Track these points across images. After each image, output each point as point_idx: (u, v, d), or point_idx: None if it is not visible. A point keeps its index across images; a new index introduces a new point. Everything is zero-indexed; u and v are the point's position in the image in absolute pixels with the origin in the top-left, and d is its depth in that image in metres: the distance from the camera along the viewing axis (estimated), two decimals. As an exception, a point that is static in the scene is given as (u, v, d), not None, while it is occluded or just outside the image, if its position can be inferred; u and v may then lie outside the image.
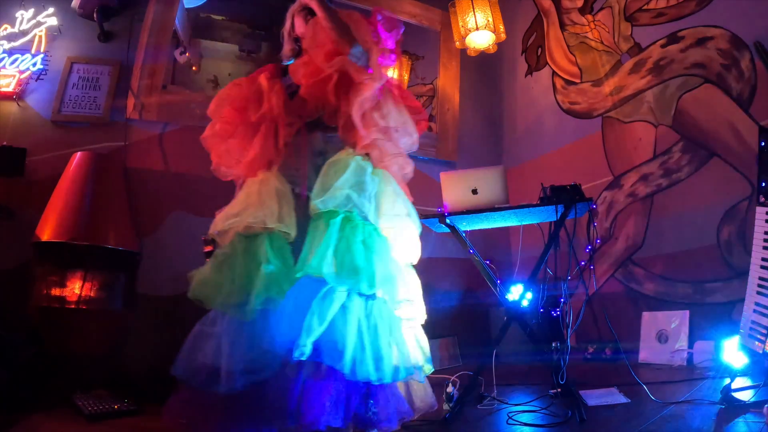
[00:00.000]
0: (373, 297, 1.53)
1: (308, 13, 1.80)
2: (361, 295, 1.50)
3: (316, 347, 1.40)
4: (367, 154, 1.65)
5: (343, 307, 1.47)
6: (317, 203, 1.52)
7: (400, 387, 1.62)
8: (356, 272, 1.48)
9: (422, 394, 1.68)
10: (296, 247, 1.59)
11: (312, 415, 1.36)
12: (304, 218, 1.61)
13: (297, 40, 1.89)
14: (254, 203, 1.58)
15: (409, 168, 1.76)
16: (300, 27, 1.85)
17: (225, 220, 1.62)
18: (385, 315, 1.55)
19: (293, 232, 1.61)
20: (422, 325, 1.78)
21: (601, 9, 3.33)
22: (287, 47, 1.92)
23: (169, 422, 1.51)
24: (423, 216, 2.32)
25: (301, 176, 1.69)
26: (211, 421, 1.46)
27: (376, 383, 1.46)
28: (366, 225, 1.56)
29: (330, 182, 1.55)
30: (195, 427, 1.49)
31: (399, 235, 1.65)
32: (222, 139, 1.77)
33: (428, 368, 1.68)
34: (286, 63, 1.89)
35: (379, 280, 1.51)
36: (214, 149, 1.80)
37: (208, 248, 1.81)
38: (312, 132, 1.72)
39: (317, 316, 1.41)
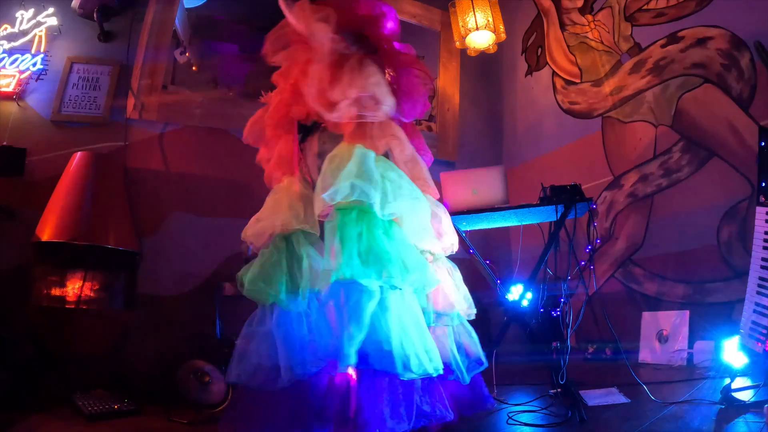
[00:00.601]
0: (405, 287, 1.51)
1: None
2: (394, 288, 1.47)
3: (362, 353, 1.39)
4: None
5: (381, 305, 1.44)
6: (324, 197, 1.48)
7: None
8: (385, 265, 1.44)
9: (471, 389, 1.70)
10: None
11: (373, 426, 1.33)
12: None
13: None
14: (282, 207, 1.63)
15: (407, 151, 1.69)
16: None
17: (257, 223, 1.67)
18: (418, 305, 1.55)
19: (318, 233, 1.63)
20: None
21: (601, 9, 3.33)
22: None
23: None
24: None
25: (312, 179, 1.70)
26: (272, 420, 1.46)
27: (435, 375, 1.44)
28: (374, 213, 1.53)
29: (332, 175, 1.52)
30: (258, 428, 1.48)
31: (410, 223, 1.60)
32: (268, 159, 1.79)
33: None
34: None
35: (411, 268, 1.48)
36: (264, 153, 1.84)
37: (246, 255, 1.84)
38: (312, 135, 1.74)
39: (355, 322, 1.38)
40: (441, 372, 1.46)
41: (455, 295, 1.73)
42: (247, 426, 1.51)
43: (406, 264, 1.47)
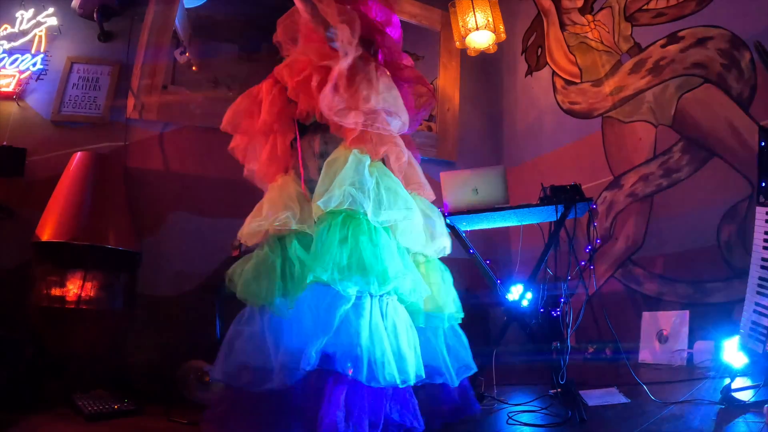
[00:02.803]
0: (388, 295, 1.50)
1: None
2: (373, 295, 1.46)
3: (327, 355, 1.38)
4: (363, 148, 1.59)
5: (356, 311, 1.43)
6: (320, 204, 1.48)
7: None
8: (365, 272, 1.43)
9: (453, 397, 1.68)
10: None
11: (323, 429, 1.31)
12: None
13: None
14: (278, 207, 1.59)
15: (404, 158, 1.68)
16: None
17: (251, 224, 1.65)
18: (401, 313, 1.53)
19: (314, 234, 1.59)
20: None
21: (601, 9, 3.33)
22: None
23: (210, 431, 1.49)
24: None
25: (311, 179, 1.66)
26: (254, 420, 1.44)
27: (401, 386, 1.40)
28: (369, 221, 1.52)
29: (329, 181, 1.52)
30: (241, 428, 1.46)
31: (403, 227, 1.60)
32: (244, 148, 1.80)
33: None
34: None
35: (391, 276, 1.46)
36: (241, 157, 1.84)
37: (235, 253, 1.83)
38: (313, 134, 1.70)
39: (323, 325, 1.39)
40: (411, 383, 1.43)
41: (446, 298, 1.73)
42: (230, 426, 1.48)
43: (388, 272, 1.46)
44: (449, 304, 1.74)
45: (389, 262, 1.48)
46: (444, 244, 1.79)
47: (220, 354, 1.52)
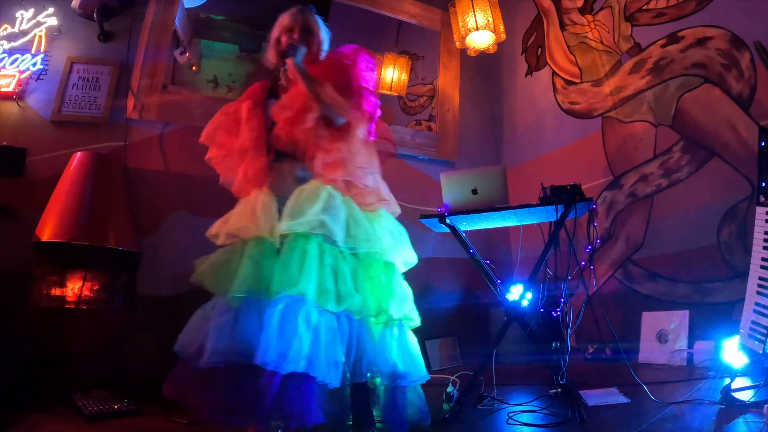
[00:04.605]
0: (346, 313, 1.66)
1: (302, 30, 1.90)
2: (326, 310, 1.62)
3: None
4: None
5: (308, 320, 1.58)
6: (291, 225, 1.65)
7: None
8: (327, 293, 1.61)
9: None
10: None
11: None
12: None
13: (283, 52, 1.92)
14: (246, 215, 1.78)
15: (371, 199, 1.88)
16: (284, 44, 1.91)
17: (223, 224, 1.86)
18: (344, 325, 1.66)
19: (277, 242, 1.73)
20: (419, 326, 1.91)
21: (601, 9, 3.33)
22: (271, 53, 1.98)
23: (168, 394, 1.72)
24: (423, 216, 2.33)
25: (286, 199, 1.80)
26: (194, 393, 1.65)
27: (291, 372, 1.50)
28: (334, 248, 1.69)
29: (302, 207, 1.69)
30: (182, 397, 1.69)
31: (367, 255, 1.79)
32: (221, 160, 1.99)
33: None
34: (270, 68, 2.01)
35: (343, 297, 1.64)
36: (217, 167, 2.03)
37: None
38: (292, 161, 1.85)
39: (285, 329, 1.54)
40: (327, 381, 1.53)
41: (406, 305, 1.85)
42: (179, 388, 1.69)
43: (352, 292, 1.66)
44: (411, 309, 1.89)
45: (342, 286, 1.66)
46: (409, 257, 1.93)
47: (184, 330, 1.77)
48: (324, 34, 1.96)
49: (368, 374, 1.69)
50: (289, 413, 1.51)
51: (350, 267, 1.72)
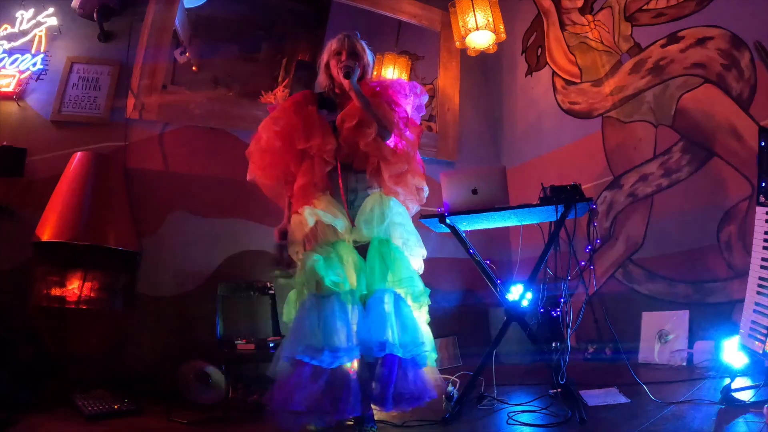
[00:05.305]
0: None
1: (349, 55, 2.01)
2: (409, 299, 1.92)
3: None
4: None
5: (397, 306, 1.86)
6: (372, 230, 1.89)
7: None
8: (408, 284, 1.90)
9: None
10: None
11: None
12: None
13: (330, 76, 2.06)
14: (328, 221, 1.90)
15: (415, 209, 2.15)
16: (334, 69, 2.03)
17: (303, 236, 1.93)
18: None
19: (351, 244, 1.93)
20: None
21: (601, 9, 3.33)
22: (323, 77, 2.10)
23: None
24: (423, 216, 2.33)
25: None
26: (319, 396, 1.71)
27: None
28: (396, 247, 1.93)
29: (373, 216, 1.90)
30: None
31: (413, 253, 2.02)
32: (264, 153, 2.03)
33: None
34: (318, 92, 2.13)
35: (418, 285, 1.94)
36: (256, 161, 2.05)
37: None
38: (346, 171, 1.99)
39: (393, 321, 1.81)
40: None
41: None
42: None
43: (418, 283, 1.95)
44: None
45: (415, 275, 1.96)
46: (419, 265, 2.09)
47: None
48: (369, 57, 2.07)
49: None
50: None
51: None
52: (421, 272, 2.03)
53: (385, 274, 1.84)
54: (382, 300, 1.81)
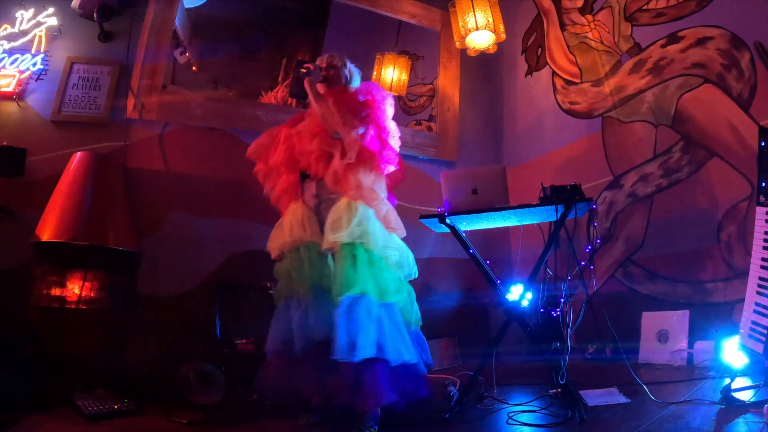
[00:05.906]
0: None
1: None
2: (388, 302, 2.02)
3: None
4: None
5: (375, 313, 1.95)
6: (341, 235, 1.97)
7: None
8: (382, 286, 2.00)
9: None
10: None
11: None
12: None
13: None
14: (297, 226, 2.10)
15: (384, 209, 2.19)
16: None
17: (278, 240, 2.15)
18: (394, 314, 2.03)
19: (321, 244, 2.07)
20: (422, 324, 2.21)
21: (601, 9, 3.33)
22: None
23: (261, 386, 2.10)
24: (423, 216, 2.33)
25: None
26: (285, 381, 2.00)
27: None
28: (370, 251, 2.03)
29: (342, 221, 2.00)
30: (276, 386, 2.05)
31: (383, 253, 2.13)
32: (265, 174, 2.30)
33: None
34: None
35: (400, 290, 2.10)
36: (262, 181, 2.31)
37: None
38: (310, 181, 2.17)
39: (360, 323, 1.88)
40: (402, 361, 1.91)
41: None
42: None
43: (392, 287, 2.06)
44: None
45: (392, 279, 2.10)
46: (412, 271, 2.25)
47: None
48: (347, 71, 2.25)
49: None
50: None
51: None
52: (402, 266, 2.17)
53: (352, 278, 1.94)
54: (345, 304, 1.90)
